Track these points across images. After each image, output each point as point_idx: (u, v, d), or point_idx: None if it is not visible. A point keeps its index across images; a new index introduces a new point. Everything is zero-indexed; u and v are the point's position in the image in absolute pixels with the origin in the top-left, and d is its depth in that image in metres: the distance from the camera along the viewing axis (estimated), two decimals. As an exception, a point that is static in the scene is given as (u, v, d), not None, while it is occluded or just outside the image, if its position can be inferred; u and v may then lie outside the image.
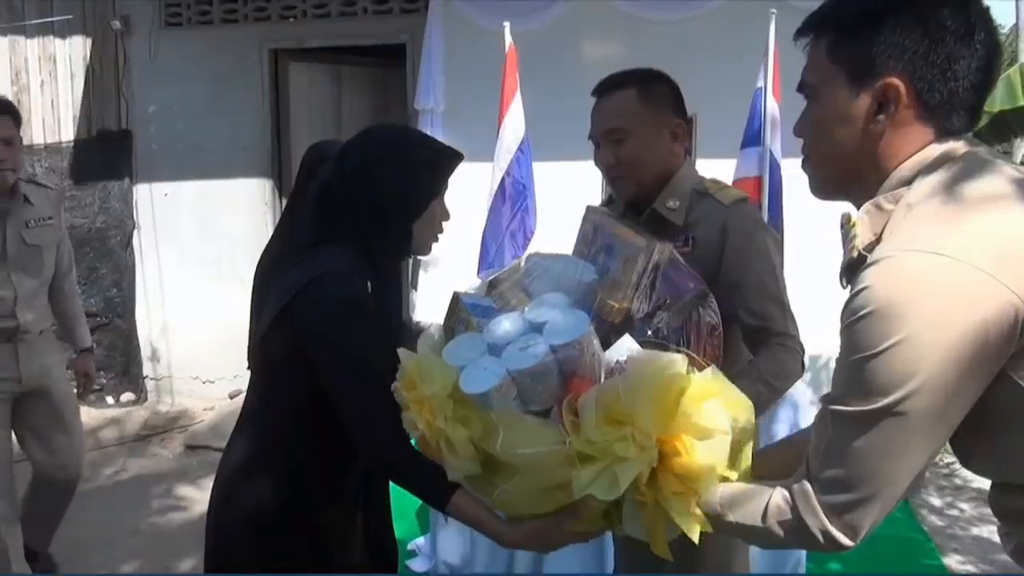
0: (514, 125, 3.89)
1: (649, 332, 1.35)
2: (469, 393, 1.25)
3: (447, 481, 1.30)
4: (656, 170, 1.72)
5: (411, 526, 3.33)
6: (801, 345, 1.67)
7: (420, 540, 3.12)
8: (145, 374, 5.47)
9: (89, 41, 5.31)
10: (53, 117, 5.42)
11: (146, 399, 5.43)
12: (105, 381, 5.47)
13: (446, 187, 1.57)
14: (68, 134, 5.39)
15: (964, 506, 3.76)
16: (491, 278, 1.55)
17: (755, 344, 1.67)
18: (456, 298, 1.45)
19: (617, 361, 1.27)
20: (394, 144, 1.53)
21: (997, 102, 6.13)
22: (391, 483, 1.60)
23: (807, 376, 2.65)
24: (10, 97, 5.45)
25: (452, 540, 2.76)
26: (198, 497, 3.90)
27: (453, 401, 1.27)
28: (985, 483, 1.05)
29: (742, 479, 1.19)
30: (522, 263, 1.52)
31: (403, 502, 3.38)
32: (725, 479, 1.17)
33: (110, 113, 5.34)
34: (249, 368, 1.64)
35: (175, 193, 5.27)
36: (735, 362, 1.63)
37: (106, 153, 5.32)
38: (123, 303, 5.41)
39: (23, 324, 2.78)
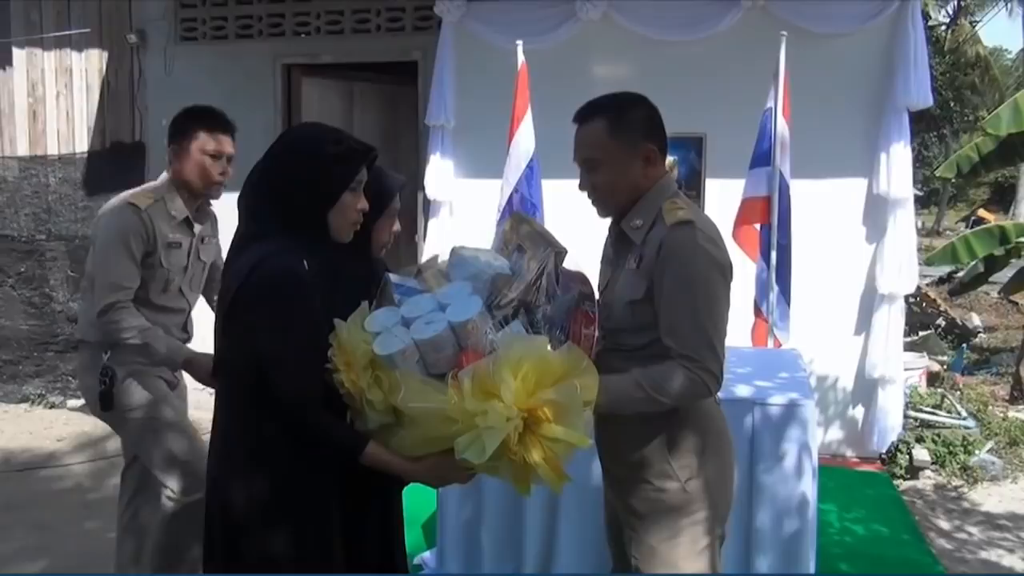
0: (524, 142, 3.92)
1: (534, 320, 1.63)
2: (379, 354, 1.54)
3: (358, 436, 1.57)
4: (629, 194, 1.79)
5: (417, 539, 3.32)
6: (709, 373, 1.65)
7: (426, 554, 3.11)
8: (152, 385, 5.48)
9: (105, 54, 5.38)
10: (68, 128, 5.48)
11: (153, 410, 5.44)
12: (112, 391, 5.50)
13: (360, 180, 1.68)
14: (82, 145, 5.45)
15: (972, 529, 3.74)
16: (420, 264, 1.87)
17: (665, 359, 1.68)
18: (387, 279, 1.73)
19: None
20: (305, 140, 1.67)
21: (1004, 125, 6.14)
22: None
23: (815, 394, 2.64)
24: (25, 108, 5.53)
25: (459, 552, 2.75)
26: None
27: (371, 361, 1.54)
28: (994, 507, 1.03)
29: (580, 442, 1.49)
30: (448, 254, 1.79)
31: (410, 515, 3.37)
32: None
33: (124, 125, 5.40)
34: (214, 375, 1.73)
35: (186, 205, 5.31)
36: None
37: (119, 165, 5.36)
38: (132, 314, 5.43)
39: (190, 340, 2.70)
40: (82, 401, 5.45)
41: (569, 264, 1.77)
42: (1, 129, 5.61)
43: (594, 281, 1.80)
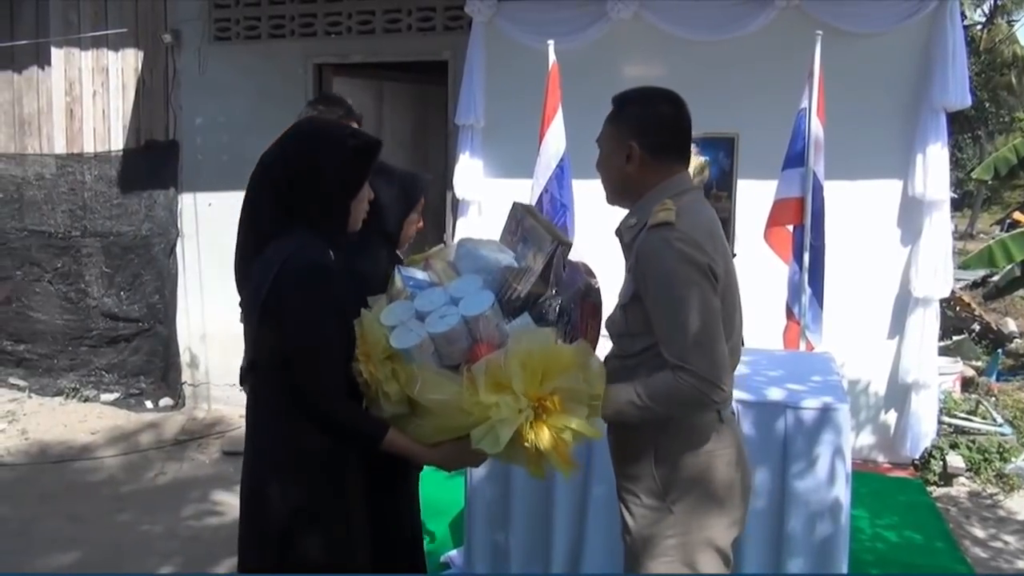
0: (555, 142, 3.91)
1: (543, 311, 1.70)
2: (395, 347, 1.61)
3: (378, 424, 1.64)
4: (616, 185, 1.82)
5: (444, 538, 3.33)
6: (703, 380, 1.60)
7: (453, 553, 3.12)
8: (184, 380, 5.55)
9: (141, 54, 5.46)
10: (104, 127, 5.57)
11: (184, 404, 5.51)
12: (144, 386, 5.58)
13: (371, 170, 1.78)
14: (117, 143, 5.54)
15: (1009, 538, 3.67)
16: (426, 255, 1.92)
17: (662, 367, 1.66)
18: (397, 270, 1.81)
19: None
20: (329, 136, 1.74)
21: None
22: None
23: (848, 398, 2.61)
24: (63, 107, 5.63)
25: (486, 551, 2.75)
26: (234, 502, 3.93)
27: (388, 353, 1.61)
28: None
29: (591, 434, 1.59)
30: (455, 245, 1.88)
31: (438, 513, 3.37)
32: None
33: (158, 124, 5.48)
34: (243, 374, 1.76)
35: (219, 203, 5.36)
36: None
37: (153, 162, 5.45)
38: (164, 310, 5.51)
39: None
40: (115, 395, 5.57)
41: (573, 255, 1.84)
42: (39, 127, 5.71)
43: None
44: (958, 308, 7.88)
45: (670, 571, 1.73)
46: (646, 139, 1.75)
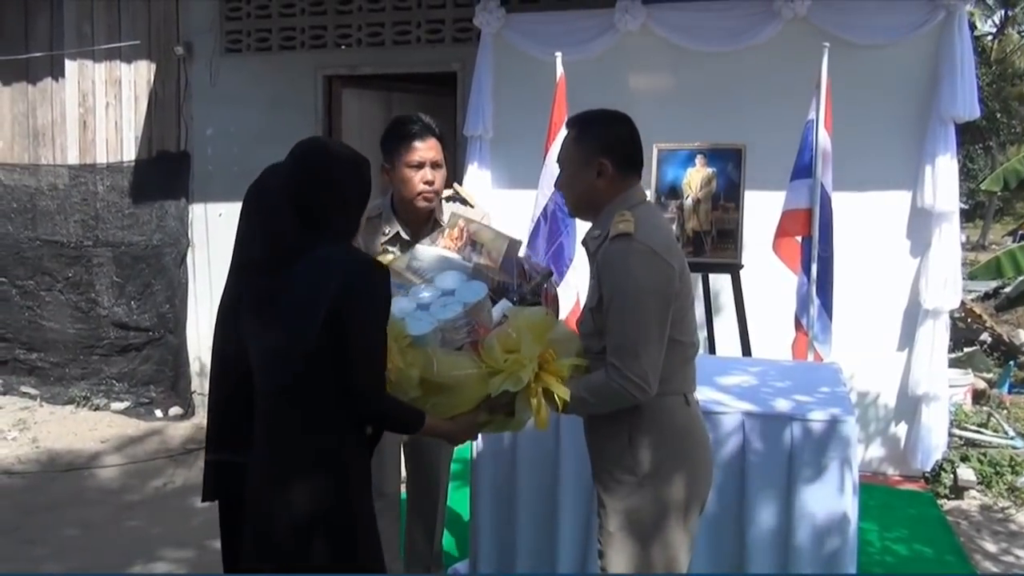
0: (562, 153, 3.92)
1: (515, 298, 2.06)
2: (414, 335, 1.85)
3: (418, 411, 1.79)
4: (583, 200, 1.99)
5: (450, 549, 3.32)
6: (629, 380, 1.80)
7: (459, 565, 3.11)
8: (193, 389, 5.58)
9: (153, 66, 5.51)
10: (116, 138, 5.63)
11: (193, 413, 5.54)
12: (154, 394, 5.61)
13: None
14: (130, 154, 5.59)
15: (1020, 552, 3.63)
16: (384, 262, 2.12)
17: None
18: None
19: (503, 315, 1.99)
20: (343, 153, 1.83)
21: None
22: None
23: (856, 410, 2.59)
24: (76, 118, 5.69)
25: (492, 563, 2.75)
26: (241, 512, 3.95)
27: (408, 342, 1.82)
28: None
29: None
30: (409, 253, 2.18)
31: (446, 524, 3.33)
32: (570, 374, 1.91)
33: (170, 135, 5.53)
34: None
35: (229, 213, 5.40)
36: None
37: (165, 173, 5.50)
38: (174, 319, 5.55)
39: None
40: (126, 404, 5.60)
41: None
42: (53, 138, 5.78)
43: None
44: (969, 319, 7.83)
45: (638, 541, 1.89)
46: (615, 155, 1.93)
